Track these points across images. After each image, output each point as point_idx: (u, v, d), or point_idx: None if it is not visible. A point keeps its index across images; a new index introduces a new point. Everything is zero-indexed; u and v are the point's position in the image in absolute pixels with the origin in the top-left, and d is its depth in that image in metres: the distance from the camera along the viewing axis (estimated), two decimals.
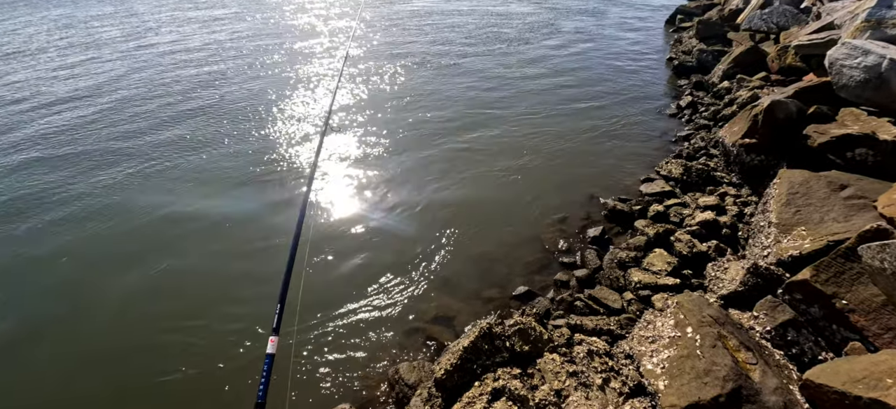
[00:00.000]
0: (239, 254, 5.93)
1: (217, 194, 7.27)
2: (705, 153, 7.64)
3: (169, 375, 4.34)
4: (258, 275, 5.53)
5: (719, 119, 8.71)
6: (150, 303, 5.23)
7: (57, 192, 7.44)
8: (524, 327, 4.18)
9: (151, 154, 8.60)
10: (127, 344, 4.72)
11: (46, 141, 9.35)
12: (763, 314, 4.02)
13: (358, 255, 5.87)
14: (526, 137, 8.90)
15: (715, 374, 3.44)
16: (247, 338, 4.64)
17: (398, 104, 10.63)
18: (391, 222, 6.52)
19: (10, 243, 6.26)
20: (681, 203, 6.33)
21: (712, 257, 5.21)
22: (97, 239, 6.31)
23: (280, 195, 7.19)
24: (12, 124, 10.25)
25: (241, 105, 10.89)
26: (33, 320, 5.07)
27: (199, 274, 5.65)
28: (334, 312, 5.01)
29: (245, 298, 5.20)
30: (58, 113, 10.76)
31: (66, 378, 4.40)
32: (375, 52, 14.87)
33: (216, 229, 6.44)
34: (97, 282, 5.56)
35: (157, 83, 12.62)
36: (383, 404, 4.07)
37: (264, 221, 6.58)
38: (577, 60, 13.74)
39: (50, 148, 9.02)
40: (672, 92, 11.18)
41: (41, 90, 12.39)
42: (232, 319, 4.92)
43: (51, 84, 12.84)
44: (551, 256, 5.79)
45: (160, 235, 6.34)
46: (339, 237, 6.23)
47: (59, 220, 6.71)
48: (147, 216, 6.72)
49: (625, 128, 9.26)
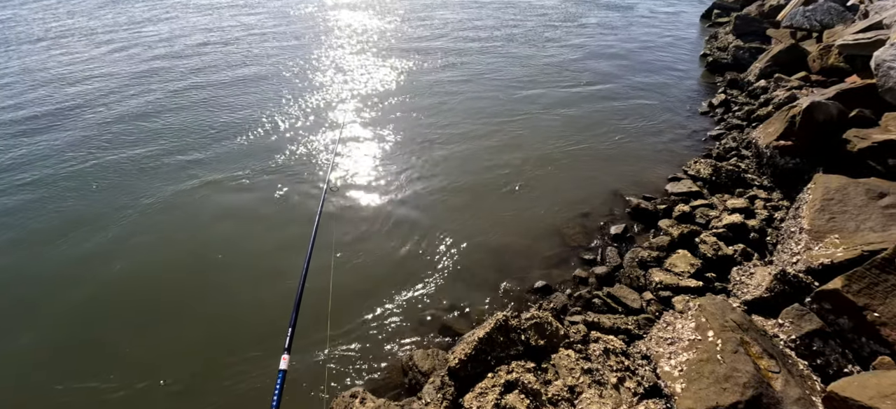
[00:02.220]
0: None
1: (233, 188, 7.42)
2: (736, 154, 7.40)
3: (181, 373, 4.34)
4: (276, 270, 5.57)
5: (753, 119, 8.41)
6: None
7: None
8: (540, 321, 4.16)
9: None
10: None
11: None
12: (788, 323, 3.90)
13: (376, 240, 5.94)
14: (550, 132, 8.79)
15: (735, 380, 3.36)
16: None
17: (420, 97, 10.59)
18: (411, 211, 6.55)
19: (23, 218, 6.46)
20: (708, 204, 6.16)
21: (738, 261, 5.07)
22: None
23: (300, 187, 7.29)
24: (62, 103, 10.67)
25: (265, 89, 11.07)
26: (31, 317, 4.99)
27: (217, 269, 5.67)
28: (352, 296, 5.09)
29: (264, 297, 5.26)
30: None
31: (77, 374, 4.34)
32: (398, 45, 14.83)
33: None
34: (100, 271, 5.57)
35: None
36: (396, 389, 4.12)
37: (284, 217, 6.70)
38: (606, 55, 13.44)
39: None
40: (704, 90, 10.84)
41: (98, 71, 12.85)
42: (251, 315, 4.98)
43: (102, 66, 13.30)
44: (571, 251, 5.73)
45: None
46: (359, 222, 6.30)
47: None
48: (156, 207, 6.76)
49: (653, 125, 9.04)
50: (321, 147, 8.29)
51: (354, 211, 6.57)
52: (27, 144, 8.58)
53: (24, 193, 7.07)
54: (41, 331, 4.82)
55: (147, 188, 7.07)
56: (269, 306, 4.95)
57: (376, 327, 4.73)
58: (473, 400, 3.56)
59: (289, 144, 8.37)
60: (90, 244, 5.94)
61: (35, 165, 7.81)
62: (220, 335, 4.69)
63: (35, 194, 7.02)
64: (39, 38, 15.97)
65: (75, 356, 4.53)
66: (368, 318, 4.83)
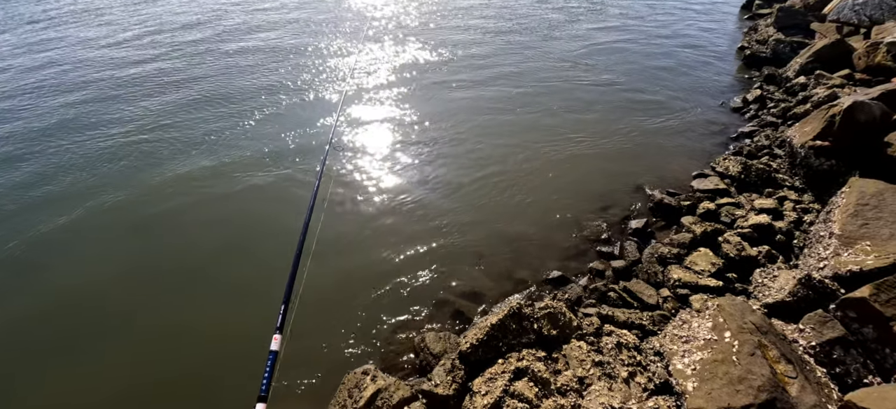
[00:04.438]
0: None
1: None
2: (768, 153, 7.15)
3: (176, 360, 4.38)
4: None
5: (789, 117, 8.08)
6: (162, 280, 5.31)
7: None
8: (554, 311, 4.17)
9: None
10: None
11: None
12: (810, 329, 3.80)
13: (394, 223, 6.02)
14: (573, 123, 8.64)
15: (749, 382, 3.32)
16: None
17: (441, 85, 10.53)
18: (428, 195, 6.59)
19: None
20: (734, 203, 6.00)
21: (762, 262, 4.94)
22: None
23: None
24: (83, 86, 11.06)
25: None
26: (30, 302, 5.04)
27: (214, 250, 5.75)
28: (367, 277, 5.19)
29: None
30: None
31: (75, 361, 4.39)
32: (417, 34, 14.71)
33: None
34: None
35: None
36: (407, 369, 4.21)
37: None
38: (635, 46, 13.04)
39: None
40: (739, 84, 10.45)
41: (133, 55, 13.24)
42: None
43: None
44: (589, 243, 5.69)
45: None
46: (377, 204, 6.39)
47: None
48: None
49: (682, 119, 8.78)
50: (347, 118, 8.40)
51: (370, 192, 6.66)
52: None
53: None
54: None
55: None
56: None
57: (390, 308, 4.82)
58: (482, 384, 3.62)
59: (298, 114, 8.51)
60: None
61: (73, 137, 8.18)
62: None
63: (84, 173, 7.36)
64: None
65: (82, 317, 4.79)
66: (383, 298, 4.93)
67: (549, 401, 3.47)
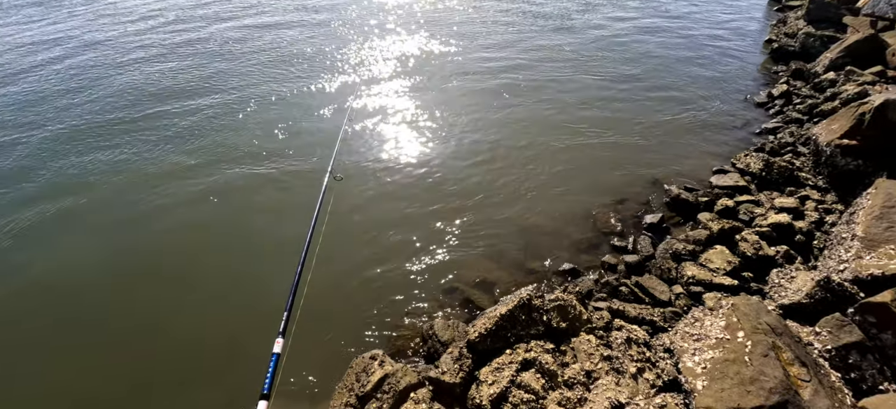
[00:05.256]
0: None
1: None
2: (792, 150, 6.95)
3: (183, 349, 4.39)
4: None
5: (816, 114, 7.83)
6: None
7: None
8: (564, 303, 4.15)
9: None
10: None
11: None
12: (826, 332, 3.72)
13: (408, 210, 6.03)
14: (591, 115, 8.51)
15: (761, 384, 3.27)
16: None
17: (459, 75, 10.44)
18: (442, 183, 6.58)
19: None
20: (753, 201, 5.86)
21: (779, 263, 4.83)
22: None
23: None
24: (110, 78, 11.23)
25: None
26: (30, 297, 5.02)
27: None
28: (377, 260, 5.23)
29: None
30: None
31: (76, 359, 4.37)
32: (436, 26, 14.54)
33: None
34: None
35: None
36: (414, 355, 4.25)
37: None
38: (661, 34, 12.74)
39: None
40: (765, 78, 10.15)
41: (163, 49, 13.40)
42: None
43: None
44: (602, 237, 5.63)
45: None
46: (389, 192, 6.41)
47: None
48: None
49: (703, 113, 8.58)
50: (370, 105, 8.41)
51: (381, 180, 6.67)
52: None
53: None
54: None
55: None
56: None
57: (400, 295, 4.85)
58: (489, 374, 3.63)
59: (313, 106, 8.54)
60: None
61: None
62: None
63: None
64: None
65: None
66: (392, 285, 4.96)
67: (556, 393, 3.47)
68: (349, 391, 3.67)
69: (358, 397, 3.59)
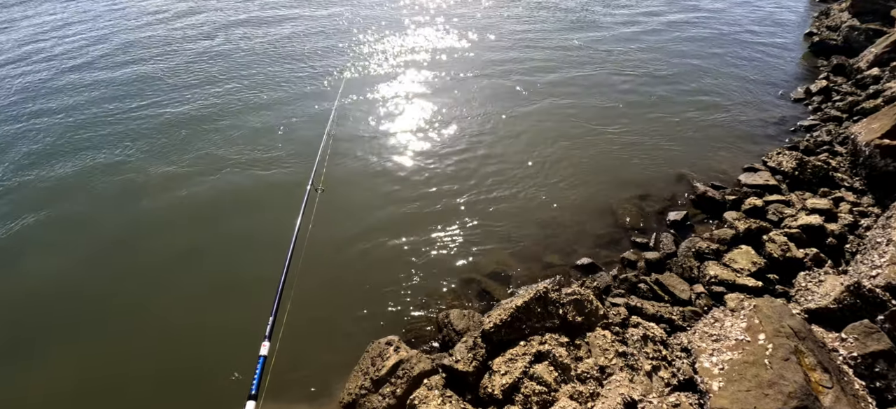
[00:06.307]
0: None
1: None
2: (828, 149, 6.67)
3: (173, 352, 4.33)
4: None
5: (856, 112, 7.48)
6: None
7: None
8: (581, 298, 4.14)
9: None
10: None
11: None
12: (853, 339, 3.61)
13: (427, 200, 6.08)
14: (617, 106, 8.35)
15: (780, 388, 3.20)
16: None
17: (485, 67, 10.35)
18: (462, 172, 6.60)
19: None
20: (784, 201, 5.67)
21: (808, 266, 4.68)
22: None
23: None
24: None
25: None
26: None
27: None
28: (395, 253, 5.30)
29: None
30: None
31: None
32: (460, 21, 14.39)
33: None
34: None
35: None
36: (429, 343, 4.32)
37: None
38: (696, 26, 12.28)
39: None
40: (804, 73, 9.73)
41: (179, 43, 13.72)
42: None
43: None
44: (623, 232, 5.56)
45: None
46: (406, 180, 6.47)
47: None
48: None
49: (736, 108, 8.29)
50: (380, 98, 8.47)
51: (392, 171, 6.70)
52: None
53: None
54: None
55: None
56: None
57: (417, 283, 4.92)
58: (502, 364, 3.67)
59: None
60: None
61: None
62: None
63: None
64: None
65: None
66: (411, 274, 5.03)
67: (568, 386, 3.48)
68: (364, 375, 3.76)
69: (373, 380, 3.68)
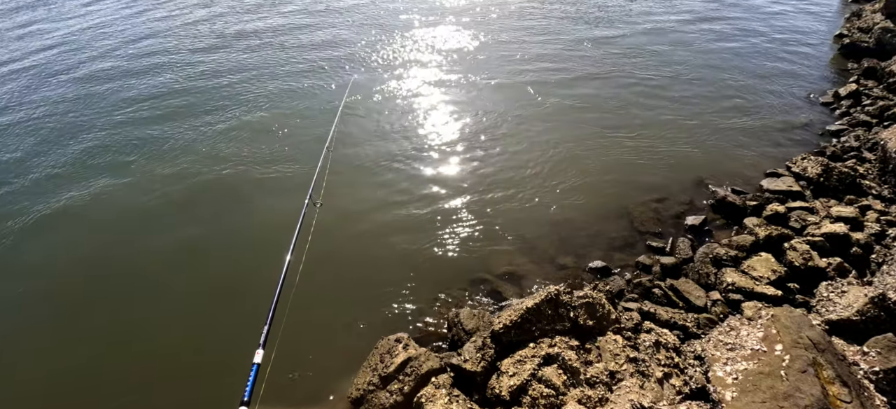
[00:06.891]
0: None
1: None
2: (856, 156, 6.45)
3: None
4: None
5: (887, 117, 7.21)
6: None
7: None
8: (592, 301, 4.09)
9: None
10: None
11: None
12: (875, 353, 3.49)
13: (439, 199, 6.09)
14: (637, 102, 8.22)
15: (795, 401, 3.12)
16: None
17: (500, 67, 10.19)
18: (476, 171, 6.58)
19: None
20: (807, 208, 5.51)
21: (830, 275, 4.54)
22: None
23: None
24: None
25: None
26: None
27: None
28: (404, 246, 5.33)
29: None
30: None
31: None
32: (471, 19, 14.27)
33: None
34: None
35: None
36: (438, 341, 4.33)
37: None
38: (722, 24, 11.92)
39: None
40: (833, 76, 9.41)
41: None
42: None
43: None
44: (638, 236, 5.48)
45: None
46: (423, 174, 6.50)
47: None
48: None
49: (760, 110, 8.06)
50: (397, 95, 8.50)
51: (413, 170, 6.72)
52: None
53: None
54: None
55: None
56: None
57: (427, 283, 4.93)
58: (511, 365, 3.65)
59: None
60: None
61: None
62: None
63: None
64: None
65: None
66: (421, 273, 5.04)
67: (577, 391, 3.45)
68: (373, 371, 3.79)
69: (381, 376, 3.71)
